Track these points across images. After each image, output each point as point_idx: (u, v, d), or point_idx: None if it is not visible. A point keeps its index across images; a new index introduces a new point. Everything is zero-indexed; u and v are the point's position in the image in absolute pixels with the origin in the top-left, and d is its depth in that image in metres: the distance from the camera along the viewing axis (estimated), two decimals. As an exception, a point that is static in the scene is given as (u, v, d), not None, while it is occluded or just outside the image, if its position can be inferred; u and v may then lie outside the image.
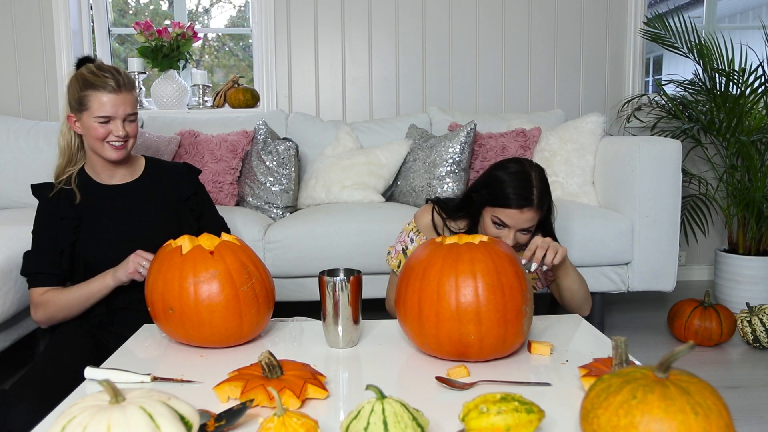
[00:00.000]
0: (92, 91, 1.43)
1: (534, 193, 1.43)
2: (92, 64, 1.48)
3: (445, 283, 1.06)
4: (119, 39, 3.46)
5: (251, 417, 0.87)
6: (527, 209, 1.43)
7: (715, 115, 2.83)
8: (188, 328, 1.16)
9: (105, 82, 1.43)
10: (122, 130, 1.46)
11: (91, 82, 1.43)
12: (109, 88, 1.43)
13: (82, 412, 0.68)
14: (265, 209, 2.51)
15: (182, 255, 1.18)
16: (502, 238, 1.46)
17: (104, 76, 1.43)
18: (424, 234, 1.59)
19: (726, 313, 2.30)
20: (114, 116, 1.45)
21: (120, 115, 1.45)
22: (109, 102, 1.43)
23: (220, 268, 1.16)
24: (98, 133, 1.45)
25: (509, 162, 1.51)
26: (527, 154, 2.61)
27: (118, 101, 1.44)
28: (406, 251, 1.58)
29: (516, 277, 1.08)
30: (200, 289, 1.14)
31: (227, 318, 1.15)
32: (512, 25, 3.17)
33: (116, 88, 1.44)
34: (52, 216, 1.48)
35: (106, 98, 1.43)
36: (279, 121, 2.83)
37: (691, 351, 0.68)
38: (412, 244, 1.58)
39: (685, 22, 2.85)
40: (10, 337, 1.82)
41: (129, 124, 1.48)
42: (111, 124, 1.45)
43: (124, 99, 1.45)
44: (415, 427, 0.76)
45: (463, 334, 1.04)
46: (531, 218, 1.45)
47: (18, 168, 2.59)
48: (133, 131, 1.50)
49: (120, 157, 1.49)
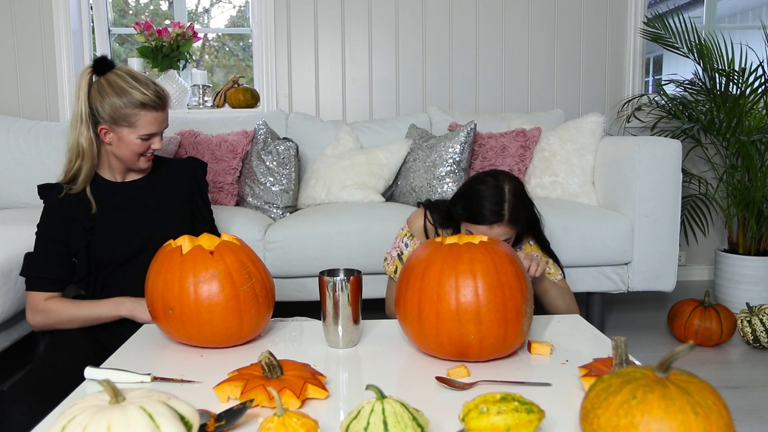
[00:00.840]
0: (143, 111, 1.39)
1: (505, 209, 1.43)
2: (125, 74, 1.41)
3: (445, 283, 1.06)
4: (119, 39, 3.46)
5: (251, 417, 0.87)
6: (497, 225, 1.43)
7: (715, 115, 2.83)
8: (188, 328, 1.16)
9: (155, 102, 1.40)
10: (158, 144, 1.45)
11: (141, 102, 1.39)
12: (159, 107, 1.42)
13: (82, 412, 0.68)
14: (265, 209, 2.51)
15: (182, 255, 1.18)
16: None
17: (154, 96, 1.40)
18: (417, 238, 1.59)
19: (726, 313, 2.30)
20: (157, 132, 1.44)
21: (161, 130, 1.45)
22: (156, 120, 1.42)
23: (220, 268, 1.16)
24: (139, 149, 1.43)
25: (485, 175, 1.51)
26: (527, 154, 2.61)
27: (162, 117, 1.44)
28: (401, 256, 1.59)
29: (516, 277, 1.08)
30: (200, 289, 1.14)
31: (227, 318, 1.15)
32: (512, 25, 3.17)
33: (164, 107, 1.43)
34: (64, 217, 1.44)
35: (153, 118, 1.41)
36: (279, 121, 2.83)
37: (691, 351, 0.68)
38: (407, 249, 1.59)
39: (685, 22, 2.85)
40: (10, 337, 1.82)
41: (162, 136, 1.48)
42: (153, 138, 1.44)
43: (166, 115, 1.45)
44: (415, 427, 0.76)
45: (463, 334, 1.04)
46: (503, 233, 1.45)
47: (18, 168, 2.59)
48: (163, 143, 1.53)
49: (150, 166, 1.50)
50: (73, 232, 1.44)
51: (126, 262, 1.46)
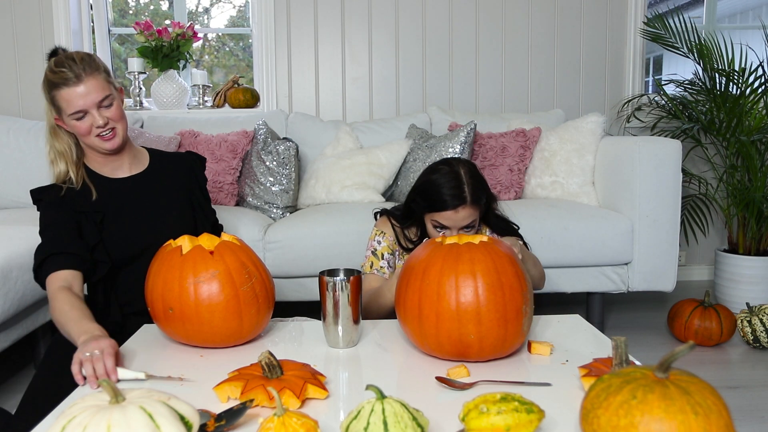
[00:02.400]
0: (56, 90, 1.35)
1: (466, 191, 1.44)
2: (53, 59, 1.38)
3: (445, 283, 1.06)
4: (119, 39, 3.46)
5: (251, 417, 0.87)
6: (461, 208, 1.44)
7: (715, 115, 2.83)
8: (188, 328, 1.16)
9: (63, 78, 1.33)
10: (100, 118, 1.36)
11: (52, 82, 1.35)
12: (70, 82, 1.33)
13: (82, 412, 0.68)
14: (265, 209, 2.51)
15: (182, 255, 1.18)
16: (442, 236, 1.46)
17: (61, 72, 1.34)
18: (389, 236, 1.61)
19: (726, 313, 2.30)
20: (85, 108, 1.35)
21: (90, 104, 1.35)
22: (75, 96, 1.34)
23: (220, 268, 1.16)
24: (81, 130, 1.37)
25: (438, 164, 1.52)
26: (527, 154, 2.61)
27: (82, 93, 1.34)
28: (376, 252, 1.60)
29: (516, 277, 1.08)
30: (200, 289, 1.14)
31: (227, 318, 1.15)
32: (512, 25, 3.17)
33: (76, 80, 1.34)
34: (70, 210, 1.40)
35: (69, 94, 1.34)
36: (279, 121, 2.83)
37: (691, 351, 0.68)
38: (380, 246, 1.60)
39: (685, 22, 2.85)
40: (10, 337, 1.82)
41: (106, 110, 1.38)
42: (87, 116, 1.36)
43: (89, 87, 1.35)
44: (415, 427, 0.76)
45: (463, 334, 1.04)
46: (468, 215, 1.46)
47: (18, 168, 2.59)
48: (115, 115, 1.39)
49: (115, 146, 1.41)
50: (84, 226, 1.41)
51: (131, 261, 1.44)
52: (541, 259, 1.66)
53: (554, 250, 2.22)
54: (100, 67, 1.39)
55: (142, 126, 2.80)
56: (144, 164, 1.55)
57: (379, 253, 1.59)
